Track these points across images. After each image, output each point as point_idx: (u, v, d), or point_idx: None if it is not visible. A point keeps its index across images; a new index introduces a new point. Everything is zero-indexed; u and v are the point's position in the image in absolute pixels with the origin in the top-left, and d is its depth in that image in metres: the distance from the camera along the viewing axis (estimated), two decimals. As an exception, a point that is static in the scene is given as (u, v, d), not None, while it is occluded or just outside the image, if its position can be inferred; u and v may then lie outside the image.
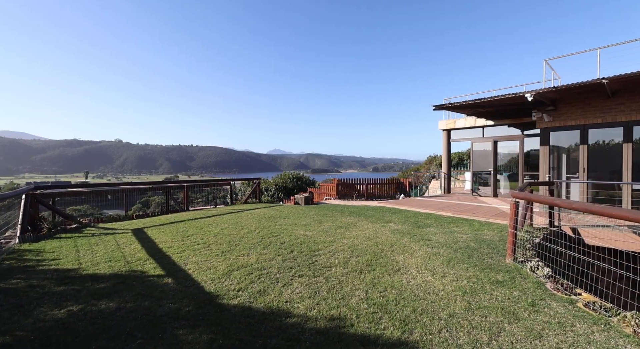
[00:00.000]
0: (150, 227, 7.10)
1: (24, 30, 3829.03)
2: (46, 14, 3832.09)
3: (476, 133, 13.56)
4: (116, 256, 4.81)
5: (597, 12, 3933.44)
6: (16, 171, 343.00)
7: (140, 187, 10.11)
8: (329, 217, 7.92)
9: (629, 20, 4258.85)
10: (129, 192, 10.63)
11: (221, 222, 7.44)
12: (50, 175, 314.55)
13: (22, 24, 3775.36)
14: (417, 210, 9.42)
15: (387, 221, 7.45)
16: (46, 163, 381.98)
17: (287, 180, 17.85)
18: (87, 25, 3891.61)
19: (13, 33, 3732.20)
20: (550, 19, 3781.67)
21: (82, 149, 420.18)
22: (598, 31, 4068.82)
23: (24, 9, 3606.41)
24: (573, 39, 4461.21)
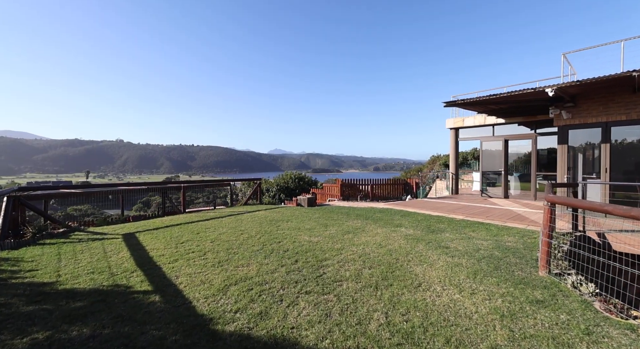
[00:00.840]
0: (143, 231, 6.60)
1: (25, 30, 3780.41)
2: (46, 13, 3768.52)
3: (486, 132, 13.03)
4: (101, 267, 4.30)
5: (597, 12, 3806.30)
6: (18, 171, 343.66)
7: (135, 188, 9.62)
8: (334, 221, 7.41)
9: (629, 20, 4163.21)
10: (126, 193, 10.15)
11: (219, 226, 6.94)
12: (52, 175, 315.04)
13: (23, 23, 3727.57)
14: (427, 213, 8.90)
15: (397, 225, 6.93)
16: (47, 163, 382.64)
17: (289, 180, 17.34)
18: (88, 25, 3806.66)
19: (13, 33, 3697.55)
20: (550, 19, 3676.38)
21: (83, 149, 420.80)
22: (598, 31, 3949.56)
23: (24, 8, 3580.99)
24: (573, 39, 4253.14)
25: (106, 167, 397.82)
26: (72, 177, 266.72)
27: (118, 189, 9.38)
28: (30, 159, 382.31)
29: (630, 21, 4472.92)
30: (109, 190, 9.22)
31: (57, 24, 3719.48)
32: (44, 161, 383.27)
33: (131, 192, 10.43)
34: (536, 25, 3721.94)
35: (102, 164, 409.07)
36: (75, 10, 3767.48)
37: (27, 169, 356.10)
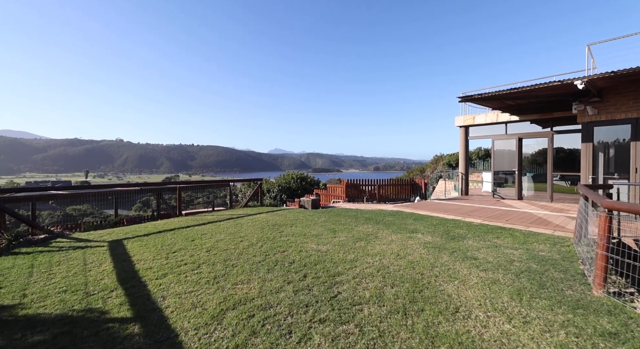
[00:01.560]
0: (133, 238, 5.97)
1: (24, 29, 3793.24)
2: (46, 12, 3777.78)
3: (498, 130, 12.39)
4: (76, 283, 3.68)
5: (597, 12, 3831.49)
6: (17, 170, 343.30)
7: (127, 189, 8.98)
8: (343, 226, 6.78)
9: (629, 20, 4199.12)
10: (120, 194, 9.53)
11: (217, 232, 6.31)
12: (52, 174, 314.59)
13: (22, 23, 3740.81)
14: (440, 216, 8.28)
15: (412, 230, 6.30)
16: (47, 162, 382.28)
17: (291, 180, 16.72)
18: (88, 25, 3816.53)
19: (13, 32, 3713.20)
20: (550, 18, 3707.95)
21: (83, 149, 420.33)
22: (598, 31, 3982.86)
23: (24, 8, 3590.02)
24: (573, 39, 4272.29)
25: (106, 166, 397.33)
26: (72, 176, 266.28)
27: (108, 191, 8.75)
28: (30, 159, 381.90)
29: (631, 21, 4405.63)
30: (99, 191, 8.59)
31: (56, 23, 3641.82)
32: (43, 160, 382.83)
33: (125, 193, 9.81)
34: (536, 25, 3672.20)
35: (102, 163, 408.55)
36: (75, 10, 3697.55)
37: (26, 169, 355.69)
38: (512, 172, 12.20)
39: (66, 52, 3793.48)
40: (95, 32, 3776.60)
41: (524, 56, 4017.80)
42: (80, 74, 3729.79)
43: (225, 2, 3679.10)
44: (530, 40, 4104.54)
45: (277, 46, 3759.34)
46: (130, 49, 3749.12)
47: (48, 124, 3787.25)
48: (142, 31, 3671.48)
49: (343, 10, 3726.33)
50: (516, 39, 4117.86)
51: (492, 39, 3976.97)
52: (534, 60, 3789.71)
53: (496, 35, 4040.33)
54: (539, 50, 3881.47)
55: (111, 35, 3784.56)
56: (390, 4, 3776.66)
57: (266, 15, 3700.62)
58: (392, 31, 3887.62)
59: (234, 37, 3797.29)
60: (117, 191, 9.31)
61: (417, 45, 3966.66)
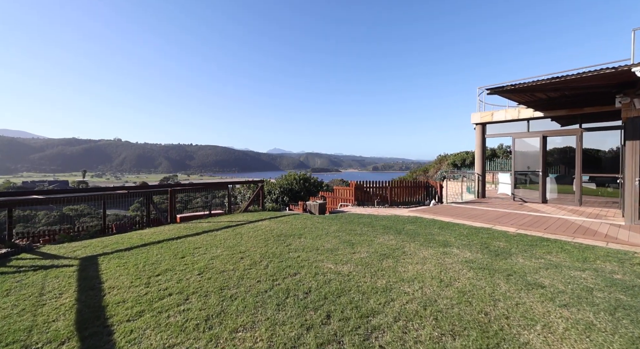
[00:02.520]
0: (111, 253, 4.98)
1: (23, 28, 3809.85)
2: (45, 12, 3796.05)
3: (519, 127, 11.44)
4: (17, 329, 2.69)
5: (596, 12, 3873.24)
6: (14, 170, 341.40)
7: (113, 193, 7.98)
8: (360, 237, 5.81)
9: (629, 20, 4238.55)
10: (108, 198, 8.54)
11: (213, 245, 5.32)
12: (49, 174, 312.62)
13: (21, 22, 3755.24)
14: (466, 223, 7.32)
15: (443, 243, 5.33)
16: (45, 162, 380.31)
17: (293, 182, 15.73)
18: (87, 24, 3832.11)
19: (12, 31, 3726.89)
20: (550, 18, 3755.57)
21: (81, 148, 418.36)
22: (598, 30, 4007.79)
23: (23, 8, 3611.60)
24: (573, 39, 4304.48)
25: (104, 166, 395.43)
26: (70, 176, 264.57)
27: (91, 195, 7.75)
28: (28, 158, 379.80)
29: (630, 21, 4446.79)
30: (81, 196, 7.59)
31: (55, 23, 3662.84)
32: (41, 160, 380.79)
33: (114, 196, 8.81)
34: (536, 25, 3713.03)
35: (100, 163, 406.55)
36: (75, 9, 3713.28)
37: (24, 168, 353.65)
38: (534, 173, 11.25)
39: (65, 51, 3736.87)
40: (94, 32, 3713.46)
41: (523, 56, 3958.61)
42: (78, 74, 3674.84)
43: (225, 2, 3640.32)
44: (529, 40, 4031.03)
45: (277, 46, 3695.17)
46: (130, 48, 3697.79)
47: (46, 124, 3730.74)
48: (141, 30, 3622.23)
49: (343, 10, 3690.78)
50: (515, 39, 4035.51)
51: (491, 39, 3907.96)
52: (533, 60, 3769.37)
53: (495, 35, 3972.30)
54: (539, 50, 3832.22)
55: (110, 35, 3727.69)
56: (390, 3, 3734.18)
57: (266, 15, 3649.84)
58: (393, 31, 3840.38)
59: (234, 36, 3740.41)
60: (102, 195, 8.32)
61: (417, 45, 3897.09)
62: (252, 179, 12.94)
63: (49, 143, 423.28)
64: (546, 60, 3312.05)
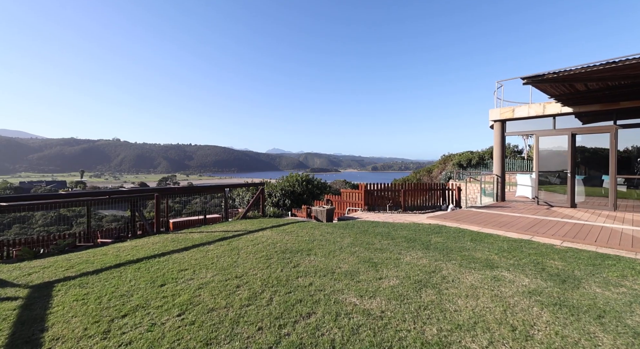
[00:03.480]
0: (75, 278, 3.96)
1: (22, 28, 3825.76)
2: (44, 11, 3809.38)
3: (544, 124, 10.45)
4: None
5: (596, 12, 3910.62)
6: (13, 170, 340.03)
7: (93, 199, 6.95)
8: (380, 252, 4.80)
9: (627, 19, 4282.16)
10: (93, 203, 7.52)
11: (202, 266, 4.31)
12: (48, 174, 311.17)
13: (20, 21, 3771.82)
14: (499, 233, 6.32)
15: (486, 262, 4.33)
16: (43, 162, 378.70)
17: (295, 183, 14.71)
18: (86, 23, 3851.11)
19: (10, 31, 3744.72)
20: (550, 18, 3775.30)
21: (79, 148, 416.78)
22: (597, 30, 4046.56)
23: (23, 7, 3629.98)
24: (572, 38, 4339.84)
25: (102, 166, 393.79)
26: (68, 176, 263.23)
27: (67, 201, 6.73)
28: (26, 158, 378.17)
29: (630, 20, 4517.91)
30: (55, 202, 6.56)
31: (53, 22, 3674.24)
32: (39, 160, 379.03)
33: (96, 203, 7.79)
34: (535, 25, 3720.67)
35: (99, 163, 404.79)
36: (74, 9, 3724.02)
37: (22, 169, 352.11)
38: (560, 175, 10.26)
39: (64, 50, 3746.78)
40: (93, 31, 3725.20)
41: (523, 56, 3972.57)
42: (77, 73, 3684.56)
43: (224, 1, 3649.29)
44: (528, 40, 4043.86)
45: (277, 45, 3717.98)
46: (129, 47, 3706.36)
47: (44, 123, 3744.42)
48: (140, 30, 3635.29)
49: (341, 9, 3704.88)
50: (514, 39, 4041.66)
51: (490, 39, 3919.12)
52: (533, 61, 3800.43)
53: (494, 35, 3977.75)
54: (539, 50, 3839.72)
55: (109, 34, 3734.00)
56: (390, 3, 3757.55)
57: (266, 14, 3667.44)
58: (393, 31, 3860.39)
59: (233, 35, 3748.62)
60: (88, 201, 7.29)
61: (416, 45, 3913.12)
62: (252, 179, 11.93)
63: (48, 143, 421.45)
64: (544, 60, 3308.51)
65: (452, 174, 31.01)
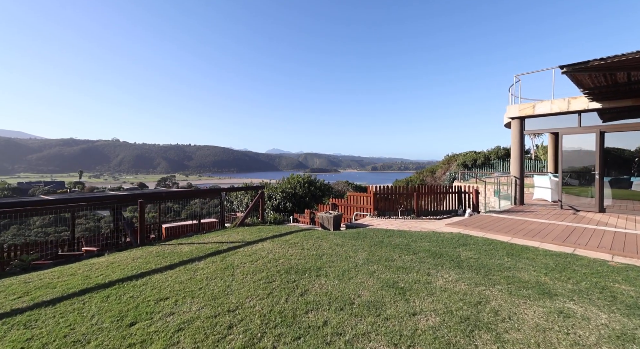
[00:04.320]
0: (25, 311, 3.12)
1: (20, 27, 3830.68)
2: (43, 11, 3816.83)
3: (568, 121, 9.61)
4: None
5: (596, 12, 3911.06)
6: (11, 170, 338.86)
7: (67, 205, 6.09)
8: (404, 273, 3.95)
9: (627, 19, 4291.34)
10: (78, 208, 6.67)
11: (188, 293, 3.46)
12: (46, 174, 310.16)
13: (19, 21, 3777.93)
14: (536, 245, 5.48)
15: (539, 288, 3.49)
16: (42, 162, 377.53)
17: (297, 185, 13.86)
18: (85, 23, 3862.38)
19: (9, 30, 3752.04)
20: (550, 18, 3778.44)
21: (78, 148, 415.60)
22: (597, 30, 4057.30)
23: (22, 7, 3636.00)
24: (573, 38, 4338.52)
25: (102, 167, 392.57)
26: (67, 177, 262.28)
27: (37, 208, 5.87)
28: (25, 159, 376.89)
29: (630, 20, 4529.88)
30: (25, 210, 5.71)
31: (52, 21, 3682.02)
32: (38, 160, 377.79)
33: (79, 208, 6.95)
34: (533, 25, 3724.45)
35: (98, 163, 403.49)
36: (73, 8, 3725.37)
37: (21, 169, 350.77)
38: (586, 176, 9.43)
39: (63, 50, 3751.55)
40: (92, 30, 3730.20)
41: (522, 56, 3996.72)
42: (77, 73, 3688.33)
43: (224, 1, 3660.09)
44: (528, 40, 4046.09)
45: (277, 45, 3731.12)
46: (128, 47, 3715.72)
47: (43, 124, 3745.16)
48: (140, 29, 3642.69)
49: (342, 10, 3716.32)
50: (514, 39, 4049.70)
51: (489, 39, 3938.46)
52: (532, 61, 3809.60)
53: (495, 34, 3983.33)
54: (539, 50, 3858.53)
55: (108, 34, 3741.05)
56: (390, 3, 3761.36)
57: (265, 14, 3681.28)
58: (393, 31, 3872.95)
59: (233, 35, 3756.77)
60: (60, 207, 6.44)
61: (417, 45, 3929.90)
62: (251, 180, 11.08)
63: (47, 143, 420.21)
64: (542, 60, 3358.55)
65: (456, 174, 30.15)
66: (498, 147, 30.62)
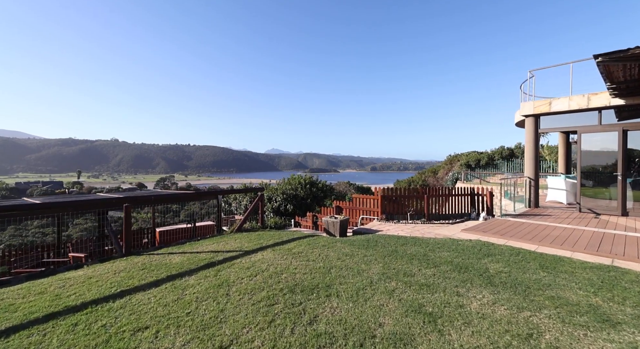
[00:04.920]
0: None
1: (19, 27, 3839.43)
2: (42, 11, 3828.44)
3: (588, 119, 9.03)
4: None
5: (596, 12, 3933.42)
6: (10, 170, 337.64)
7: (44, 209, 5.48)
8: (429, 292, 3.36)
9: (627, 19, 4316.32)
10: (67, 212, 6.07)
11: (172, 320, 2.86)
12: (45, 174, 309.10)
13: (18, 20, 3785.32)
14: (566, 255, 4.89)
15: (598, 315, 2.90)
16: (41, 162, 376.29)
17: (298, 186, 13.26)
18: (84, 23, 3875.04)
19: (8, 30, 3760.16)
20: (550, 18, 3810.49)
21: (77, 148, 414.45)
22: (597, 30, 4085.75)
23: (21, 7, 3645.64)
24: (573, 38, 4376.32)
25: (100, 167, 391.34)
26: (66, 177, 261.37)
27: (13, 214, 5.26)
28: (23, 159, 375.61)
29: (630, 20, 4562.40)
30: None
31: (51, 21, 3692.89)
32: (37, 160, 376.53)
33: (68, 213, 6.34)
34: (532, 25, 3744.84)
35: (97, 163, 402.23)
36: (72, 8, 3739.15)
37: (19, 169, 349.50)
38: (606, 177, 8.86)
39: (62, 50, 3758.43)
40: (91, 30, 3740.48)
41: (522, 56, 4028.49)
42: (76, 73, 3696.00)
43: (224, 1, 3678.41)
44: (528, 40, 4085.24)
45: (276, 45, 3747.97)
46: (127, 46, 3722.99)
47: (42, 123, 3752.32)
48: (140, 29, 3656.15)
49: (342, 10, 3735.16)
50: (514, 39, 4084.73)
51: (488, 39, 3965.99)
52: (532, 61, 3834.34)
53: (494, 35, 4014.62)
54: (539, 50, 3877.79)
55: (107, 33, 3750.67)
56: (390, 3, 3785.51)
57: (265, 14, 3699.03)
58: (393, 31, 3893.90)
59: (232, 35, 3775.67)
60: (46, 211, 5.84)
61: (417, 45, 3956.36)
62: (250, 181, 10.49)
63: (45, 143, 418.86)
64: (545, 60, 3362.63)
65: (459, 175, 29.59)
66: (502, 147, 30.06)
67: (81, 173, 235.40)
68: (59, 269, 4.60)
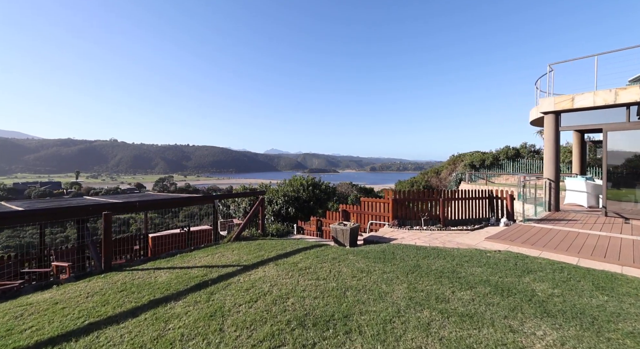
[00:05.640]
0: None
1: (18, 27, 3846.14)
2: (41, 10, 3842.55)
3: (615, 116, 8.36)
4: None
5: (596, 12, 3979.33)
6: (9, 171, 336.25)
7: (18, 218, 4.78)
8: (473, 326, 2.67)
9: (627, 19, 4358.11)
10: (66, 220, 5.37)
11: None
12: (44, 175, 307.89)
13: (16, 21, 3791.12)
14: (617, 270, 4.21)
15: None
16: (40, 163, 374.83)
17: (300, 188, 12.56)
18: (83, 23, 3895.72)
19: (6, 30, 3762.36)
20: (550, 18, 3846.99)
21: (76, 149, 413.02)
22: (597, 30, 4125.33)
23: (20, 7, 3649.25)
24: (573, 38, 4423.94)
25: (99, 167, 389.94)
26: (65, 177, 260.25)
27: None
28: (22, 159, 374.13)
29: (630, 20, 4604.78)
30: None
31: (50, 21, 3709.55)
32: (36, 160, 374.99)
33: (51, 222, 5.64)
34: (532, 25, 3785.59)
35: (96, 164, 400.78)
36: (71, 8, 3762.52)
37: (18, 169, 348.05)
38: (635, 177, 8.18)
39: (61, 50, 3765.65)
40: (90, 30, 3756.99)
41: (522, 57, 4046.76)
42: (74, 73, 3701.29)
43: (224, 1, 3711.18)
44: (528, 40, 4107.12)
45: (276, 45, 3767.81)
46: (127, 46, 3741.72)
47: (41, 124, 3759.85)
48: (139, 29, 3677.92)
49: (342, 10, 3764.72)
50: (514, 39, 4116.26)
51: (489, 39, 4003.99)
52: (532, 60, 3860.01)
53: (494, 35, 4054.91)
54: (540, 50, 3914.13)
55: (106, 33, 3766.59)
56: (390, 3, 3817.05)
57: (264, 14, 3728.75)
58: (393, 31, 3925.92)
59: (232, 35, 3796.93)
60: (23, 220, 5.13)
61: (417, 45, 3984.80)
62: (249, 181, 9.78)
63: (44, 144, 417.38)
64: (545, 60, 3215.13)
65: (463, 175, 28.89)
66: (507, 147, 29.39)
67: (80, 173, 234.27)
68: (24, 289, 3.89)
